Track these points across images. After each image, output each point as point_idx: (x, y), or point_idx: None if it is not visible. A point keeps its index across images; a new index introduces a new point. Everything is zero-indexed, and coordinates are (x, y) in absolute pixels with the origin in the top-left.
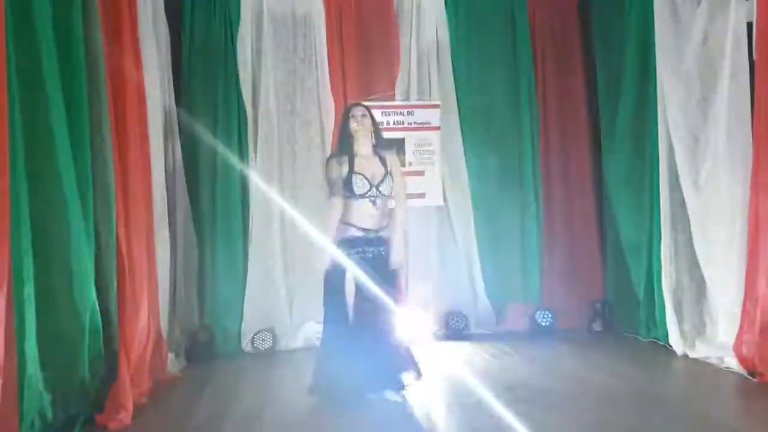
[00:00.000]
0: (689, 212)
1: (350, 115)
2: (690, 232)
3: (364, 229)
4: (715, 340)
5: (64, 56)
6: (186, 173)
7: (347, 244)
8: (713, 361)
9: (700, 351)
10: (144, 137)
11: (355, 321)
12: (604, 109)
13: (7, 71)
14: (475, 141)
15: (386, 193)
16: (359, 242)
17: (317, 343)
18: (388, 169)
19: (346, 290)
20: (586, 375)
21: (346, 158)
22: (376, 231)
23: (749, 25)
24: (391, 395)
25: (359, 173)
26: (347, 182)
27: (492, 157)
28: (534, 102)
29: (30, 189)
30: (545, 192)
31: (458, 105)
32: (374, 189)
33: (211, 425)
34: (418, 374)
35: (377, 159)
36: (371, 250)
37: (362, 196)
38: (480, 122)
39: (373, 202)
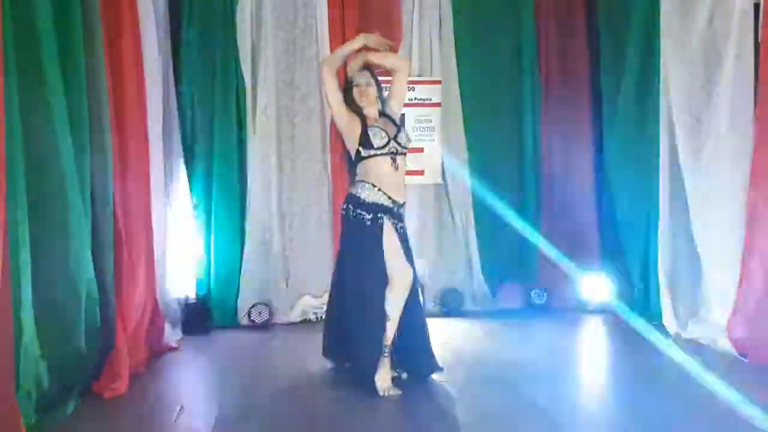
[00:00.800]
0: (688, 193)
1: (354, 84)
2: (688, 214)
3: (392, 200)
4: (708, 320)
5: (61, 21)
6: (183, 144)
7: (378, 208)
8: (706, 341)
9: (693, 331)
10: (142, 107)
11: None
12: (606, 87)
13: (3, 31)
14: (476, 118)
15: (404, 143)
16: (390, 211)
17: (313, 317)
18: (398, 123)
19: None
20: (579, 353)
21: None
22: (400, 205)
23: (756, 7)
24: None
25: (374, 126)
26: (364, 137)
27: (492, 134)
28: (536, 80)
29: (26, 157)
30: (545, 171)
31: (459, 81)
32: (393, 141)
33: (207, 395)
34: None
35: (385, 117)
36: (401, 225)
37: (382, 149)
38: (481, 99)
39: (393, 159)
